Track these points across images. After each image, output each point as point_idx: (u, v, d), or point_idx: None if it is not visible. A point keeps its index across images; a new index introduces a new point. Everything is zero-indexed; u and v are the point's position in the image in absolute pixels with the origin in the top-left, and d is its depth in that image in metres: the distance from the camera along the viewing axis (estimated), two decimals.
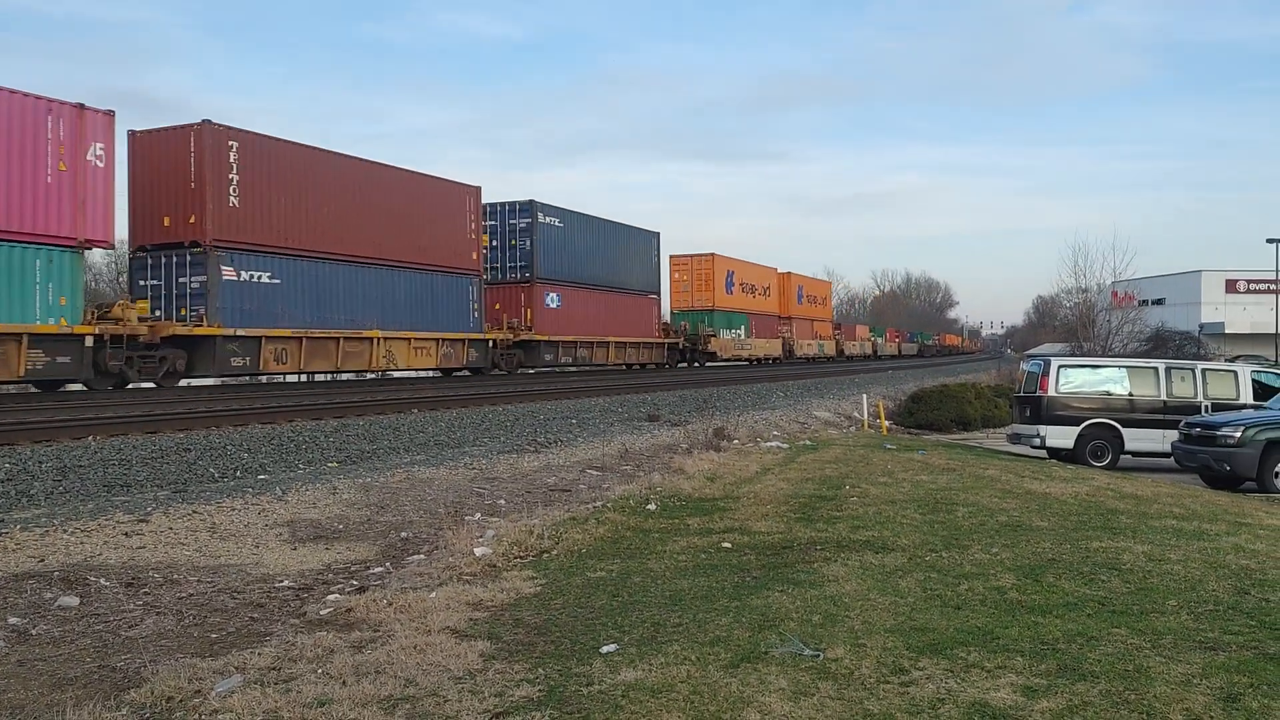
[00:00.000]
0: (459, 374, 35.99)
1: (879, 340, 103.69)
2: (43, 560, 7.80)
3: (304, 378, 30.71)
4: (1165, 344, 50.46)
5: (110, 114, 22.74)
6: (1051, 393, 20.05)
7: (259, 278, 25.88)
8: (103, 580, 7.28)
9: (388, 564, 8.24)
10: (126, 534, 8.82)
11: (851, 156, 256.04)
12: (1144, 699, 4.64)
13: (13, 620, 6.24)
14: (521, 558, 8.07)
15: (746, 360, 58.43)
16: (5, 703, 4.82)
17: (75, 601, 6.72)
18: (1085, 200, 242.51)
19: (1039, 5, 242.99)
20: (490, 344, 35.80)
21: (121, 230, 26.17)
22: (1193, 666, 5.11)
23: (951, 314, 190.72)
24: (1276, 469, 16.06)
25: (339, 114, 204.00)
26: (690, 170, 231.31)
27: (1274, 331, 52.19)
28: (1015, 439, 21.29)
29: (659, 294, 49.87)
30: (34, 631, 6.06)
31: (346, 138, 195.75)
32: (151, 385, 24.35)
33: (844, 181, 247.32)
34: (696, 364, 53.09)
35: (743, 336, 57.78)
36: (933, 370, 63.64)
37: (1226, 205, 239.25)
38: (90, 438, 15.03)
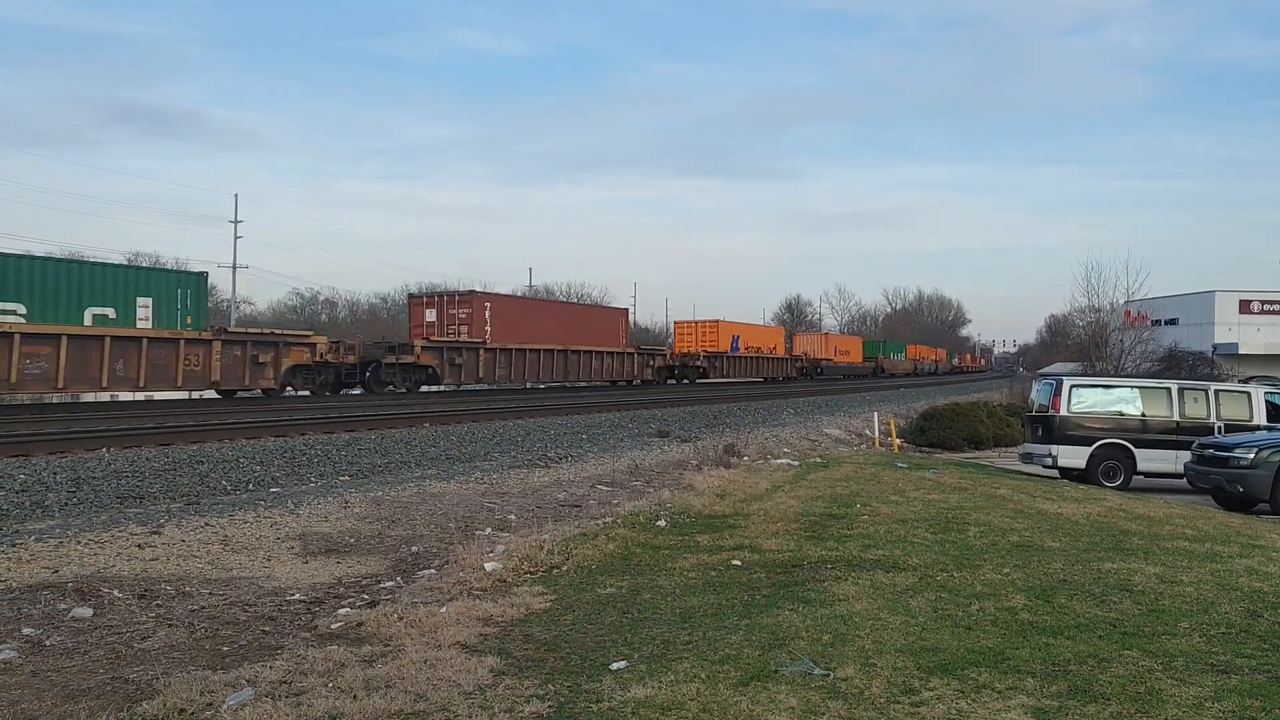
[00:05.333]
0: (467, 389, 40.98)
1: None
2: (57, 571, 7.86)
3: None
4: (1178, 364, 50.12)
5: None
6: (1064, 412, 20.01)
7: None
8: (116, 592, 7.32)
9: (398, 578, 8.26)
10: (139, 546, 8.87)
11: (858, 173, 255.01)
12: None
13: (27, 631, 6.29)
14: (532, 573, 8.08)
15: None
16: (19, 713, 4.86)
17: (89, 613, 6.76)
18: (1094, 218, 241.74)
19: (1044, 25, 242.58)
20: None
21: None
22: (1205, 689, 5.09)
23: (964, 331, 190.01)
24: None
25: (345, 128, 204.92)
26: (697, 186, 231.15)
27: None
28: (1027, 458, 21.23)
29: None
30: (48, 642, 6.10)
31: (353, 153, 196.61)
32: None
33: (851, 198, 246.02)
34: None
35: None
36: (943, 389, 63.36)
37: (1238, 225, 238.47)
38: (105, 449, 15.13)
